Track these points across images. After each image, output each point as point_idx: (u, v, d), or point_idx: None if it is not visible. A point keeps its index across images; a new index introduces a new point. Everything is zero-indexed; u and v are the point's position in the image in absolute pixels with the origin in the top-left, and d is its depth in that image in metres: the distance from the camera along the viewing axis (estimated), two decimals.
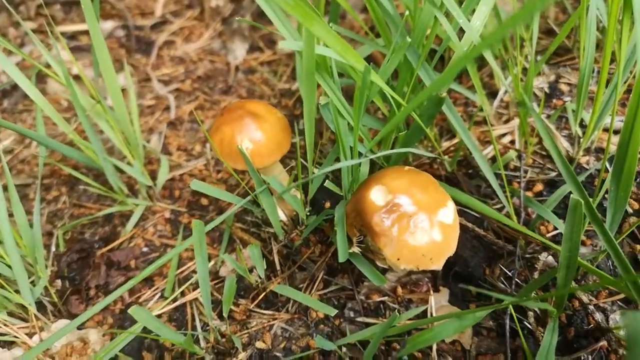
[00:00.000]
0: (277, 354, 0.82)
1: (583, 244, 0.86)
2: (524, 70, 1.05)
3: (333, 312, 0.81)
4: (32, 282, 0.95)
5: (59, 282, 1.03)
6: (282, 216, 0.96)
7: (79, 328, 0.92)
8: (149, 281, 1.00)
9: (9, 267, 0.89)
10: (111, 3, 1.84)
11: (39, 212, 1.00)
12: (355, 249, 0.74)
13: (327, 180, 0.86)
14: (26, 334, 0.91)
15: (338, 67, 0.82)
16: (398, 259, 0.67)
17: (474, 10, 0.80)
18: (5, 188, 0.91)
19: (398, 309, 0.86)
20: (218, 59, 1.60)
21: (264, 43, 1.63)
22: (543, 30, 1.25)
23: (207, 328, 0.88)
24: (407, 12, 0.81)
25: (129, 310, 0.73)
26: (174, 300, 0.94)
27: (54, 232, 1.12)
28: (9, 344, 0.92)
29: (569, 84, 1.08)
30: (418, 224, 0.67)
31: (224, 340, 0.84)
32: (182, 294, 0.95)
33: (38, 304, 0.95)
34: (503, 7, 1.18)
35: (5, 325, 0.91)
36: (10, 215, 0.92)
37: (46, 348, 0.87)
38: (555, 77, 1.10)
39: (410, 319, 0.82)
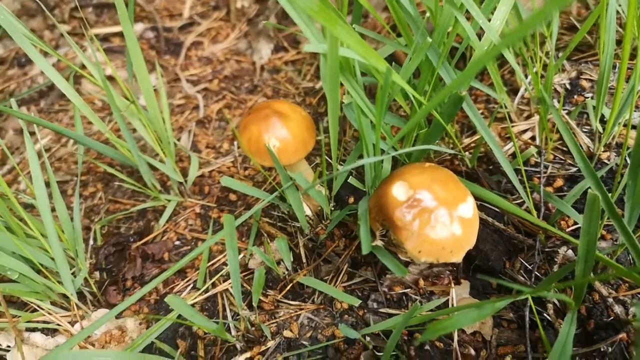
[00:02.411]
0: (304, 342, 0.85)
1: (603, 238, 0.87)
2: (545, 66, 1.06)
3: (357, 302, 0.85)
4: (73, 274, 1.01)
5: (97, 273, 1.09)
6: (308, 211, 1.00)
7: (117, 317, 0.98)
8: (181, 273, 1.04)
9: (53, 259, 0.95)
10: (141, 5, 1.90)
11: (79, 207, 1.05)
12: (379, 242, 0.77)
13: (350, 177, 0.89)
14: (68, 322, 0.97)
15: (361, 67, 0.84)
16: (419, 252, 0.70)
17: (495, 8, 0.81)
18: (47, 184, 0.97)
19: (420, 300, 0.88)
20: (244, 59, 1.64)
21: (288, 43, 1.67)
22: (565, 26, 1.26)
23: (238, 317, 0.92)
24: (427, 14, 0.83)
25: (166, 299, 0.78)
26: (206, 291, 0.98)
27: (92, 226, 1.18)
28: (52, 332, 0.98)
29: (590, 80, 1.09)
30: (438, 218, 0.70)
31: (253, 329, 0.88)
32: (213, 285, 0.99)
33: (79, 294, 1.01)
34: (524, 4, 1.19)
35: (49, 314, 0.97)
36: (52, 210, 0.98)
37: (87, 336, 0.93)
38: (577, 73, 1.11)
39: (431, 310, 0.85)
